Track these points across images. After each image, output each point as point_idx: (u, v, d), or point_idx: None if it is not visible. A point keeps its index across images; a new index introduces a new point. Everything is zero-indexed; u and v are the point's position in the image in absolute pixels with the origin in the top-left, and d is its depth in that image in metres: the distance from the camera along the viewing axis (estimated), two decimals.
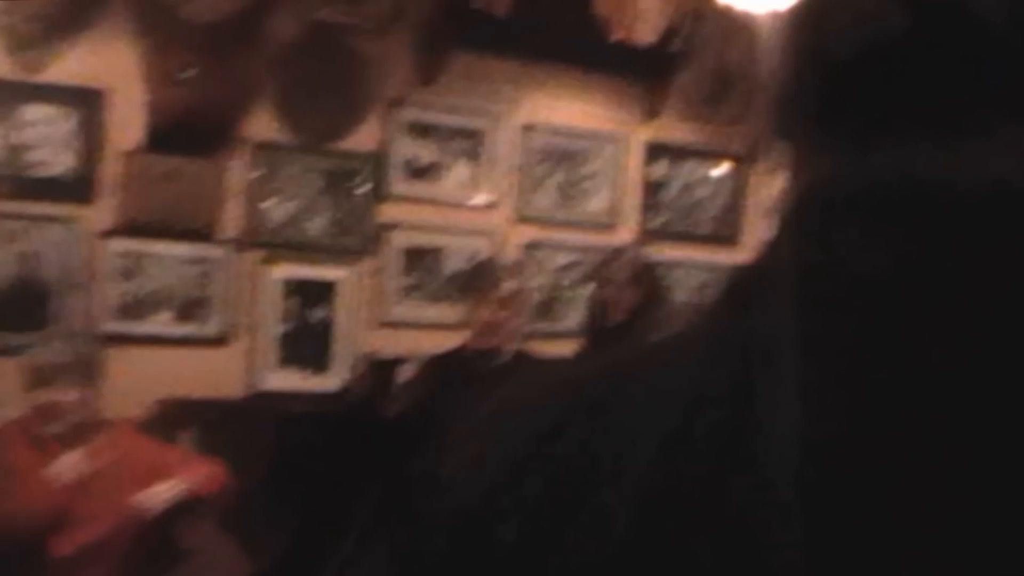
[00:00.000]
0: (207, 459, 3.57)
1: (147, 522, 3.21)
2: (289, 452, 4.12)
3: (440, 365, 3.77)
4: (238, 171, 4.44)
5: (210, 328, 4.41)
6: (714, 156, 5.64)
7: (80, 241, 4.16)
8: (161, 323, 4.32)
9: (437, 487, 0.55)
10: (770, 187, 5.72)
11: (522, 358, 3.70)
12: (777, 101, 0.56)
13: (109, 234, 4.22)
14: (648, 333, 3.58)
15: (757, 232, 5.72)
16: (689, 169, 5.56)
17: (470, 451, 0.55)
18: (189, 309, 4.37)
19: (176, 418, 4.14)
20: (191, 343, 4.37)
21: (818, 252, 0.46)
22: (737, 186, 5.70)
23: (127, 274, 4.25)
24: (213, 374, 4.39)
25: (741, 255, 5.43)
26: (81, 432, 3.25)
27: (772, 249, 0.51)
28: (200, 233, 4.35)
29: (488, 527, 0.50)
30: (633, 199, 5.40)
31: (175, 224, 4.29)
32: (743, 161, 5.69)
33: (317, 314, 4.61)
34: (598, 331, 3.85)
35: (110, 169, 4.21)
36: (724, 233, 5.66)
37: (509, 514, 0.49)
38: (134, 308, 4.27)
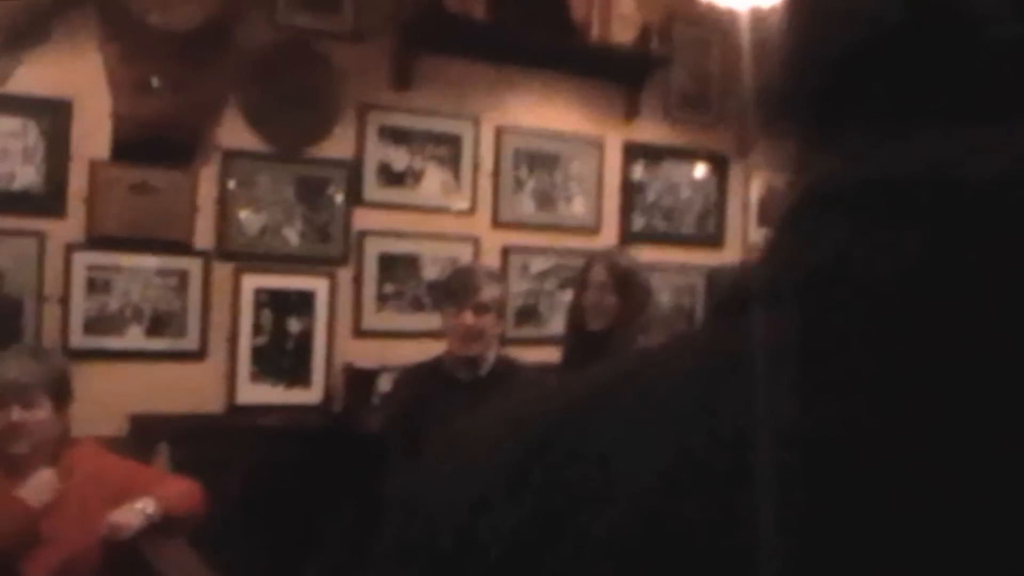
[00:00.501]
0: (181, 478, 3.48)
1: (119, 543, 3.11)
2: (264, 469, 4.05)
3: (420, 375, 3.70)
4: (209, 181, 4.37)
5: (184, 342, 4.33)
6: (694, 157, 5.61)
7: (48, 255, 4.08)
8: (133, 338, 4.24)
9: (410, 515, 0.51)
10: (752, 187, 5.71)
11: (504, 365, 3.63)
12: (769, 98, 0.53)
13: (77, 248, 4.14)
14: (631, 337, 3.53)
15: (740, 233, 5.71)
16: (669, 171, 5.53)
17: (445, 476, 0.51)
18: (162, 323, 4.29)
19: (150, 434, 4.07)
20: (164, 357, 4.29)
21: (820, 252, 0.44)
22: (719, 187, 5.67)
23: (97, 288, 4.17)
24: (188, 389, 4.31)
25: (725, 256, 5.42)
26: (51, 452, 3.16)
27: (771, 252, 0.48)
28: (172, 245, 4.28)
29: (462, 560, 0.46)
30: (613, 202, 5.36)
31: (145, 236, 4.22)
32: (724, 162, 5.67)
33: (293, 325, 4.54)
34: (579, 336, 3.78)
35: (77, 181, 4.14)
36: (707, 234, 5.64)
37: (486, 546, 0.45)
38: (105, 323, 4.19)
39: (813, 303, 0.42)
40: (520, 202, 5.08)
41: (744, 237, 5.76)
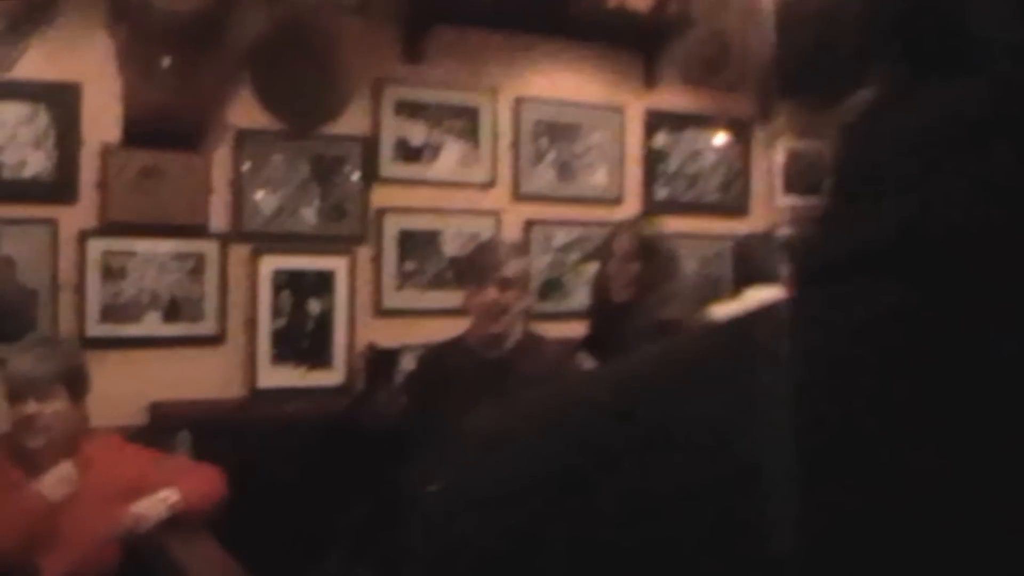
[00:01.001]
0: (202, 466, 3.44)
1: (140, 536, 3.06)
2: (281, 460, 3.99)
3: (444, 353, 3.63)
4: (222, 162, 4.31)
5: (202, 327, 4.27)
6: (716, 123, 5.46)
7: (60, 243, 4.03)
8: (150, 324, 4.18)
9: (429, 521, 0.47)
10: (776, 152, 5.60)
11: (530, 341, 3.55)
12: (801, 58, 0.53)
13: (90, 234, 4.08)
14: (656, 307, 3.45)
15: (765, 200, 5.61)
16: (691, 138, 5.43)
17: (472, 481, 0.46)
18: (179, 308, 4.23)
19: (170, 423, 4.01)
20: (182, 343, 4.23)
21: (940, 215, 0.40)
22: (742, 153, 5.58)
23: (112, 275, 4.11)
24: (207, 374, 4.26)
25: (750, 224, 5.32)
26: (68, 445, 3.11)
27: (859, 214, 0.44)
28: (186, 229, 4.22)
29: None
30: (635, 172, 5.26)
31: (159, 221, 4.16)
32: (746, 127, 5.55)
33: (313, 306, 4.47)
34: (605, 307, 3.70)
35: (89, 167, 4.08)
36: (731, 202, 5.54)
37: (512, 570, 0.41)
38: (121, 310, 4.13)
39: (942, 272, 0.39)
40: (541, 174, 4.99)
41: (769, 204, 5.65)
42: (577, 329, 4.39)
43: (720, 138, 5.49)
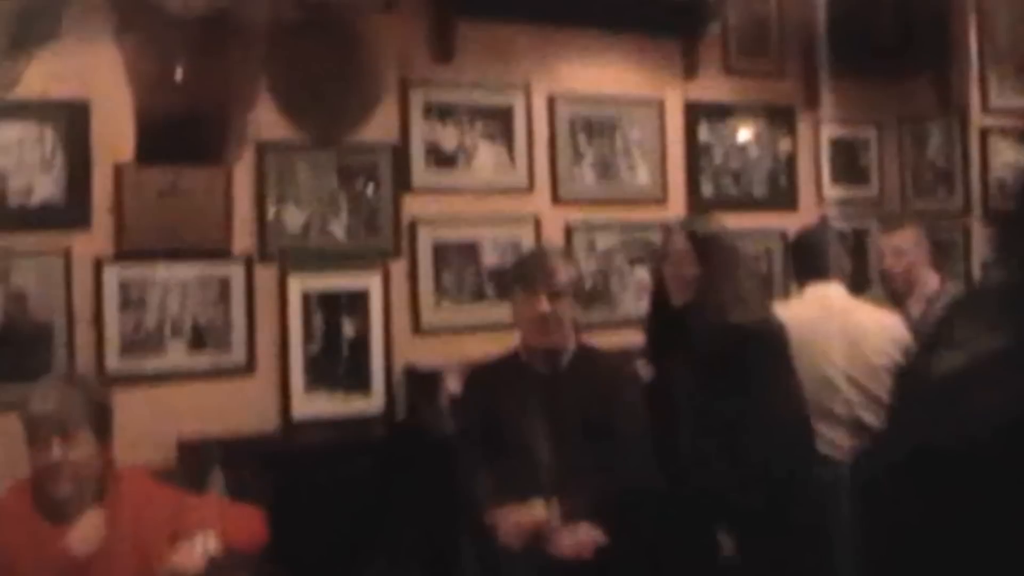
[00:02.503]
0: (241, 508, 3.15)
1: None
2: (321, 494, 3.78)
3: (494, 372, 3.39)
4: (244, 178, 4.06)
5: (230, 356, 4.02)
6: (759, 112, 5.26)
7: (74, 272, 3.76)
8: (175, 356, 3.92)
9: None
10: (823, 139, 5.35)
11: (586, 354, 3.32)
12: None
13: (106, 262, 3.82)
14: (721, 311, 3.16)
15: (813, 190, 5.34)
16: (734, 129, 5.20)
17: None
18: (204, 337, 3.97)
19: (201, 460, 3.66)
20: (210, 375, 3.98)
21: None
22: (788, 142, 5.34)
23: (131, 304, 3.85)
24: (238, 407, 4.01)
25: (801, 218, 5.05)
26: (97, 490, 2.82)
27: None
28: (208, 250, 3.98)
29: None
30: (678, 167, 5.03)
31: (179, 243, 3.91)
32: (791, 113, 5.36)
33: (347, 328, 4.22)
34: (663, 313, 3.40)
35: (101, 189, 3.82)
36: (779, 195, 5.32)
37: None
38: (142, 342, 3.87)
39: None
40: (580, 175, 4.75)
41: (818, 194, 5.37)
42: (627, 339, 4.17)
43: (765, 127, 5.21)
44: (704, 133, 5.06)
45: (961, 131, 5.36)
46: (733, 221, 4.69)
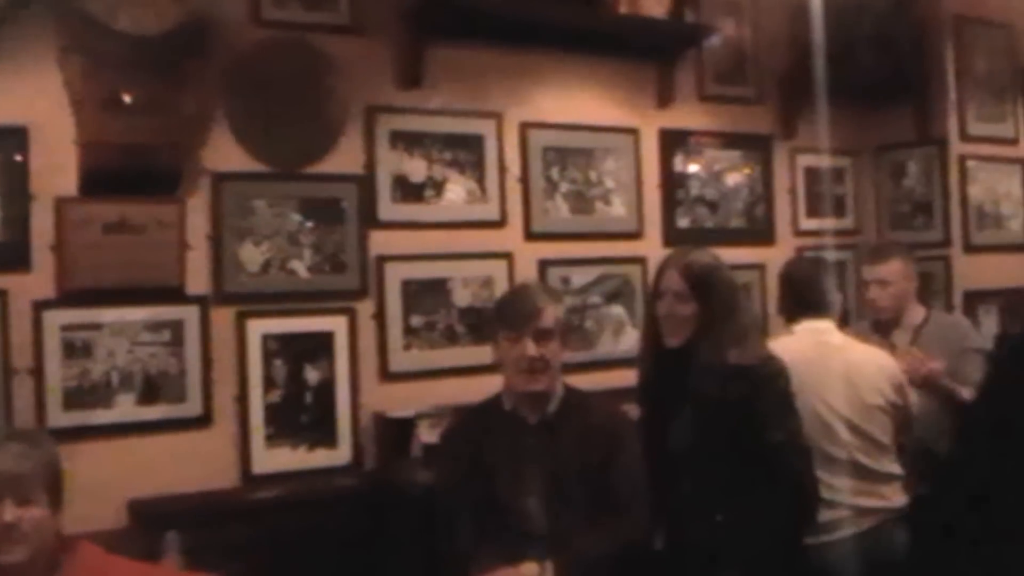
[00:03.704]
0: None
1: None
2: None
3: (476, 420, 3.19)
4: (199, 212, 3.76)
5: (184, 407, 3.69)
6: (735, 141, 5.09)
7: (11, 317, 3.43)
8: (124, 408, 3.60)
9: None
10: (798, 171, 5.21)
11: (575, 399, 3.13)
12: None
13: (47, 305, 3.50)
14: (719, 351, 2.95)
15: (789, 223, 5.18)
16: (710, 158, 5.01)
17: None
18: (156, 387, 3.65)
19: (154, 522, 3.43)
20: (163, 428, 3.65)
21: None
22: (763, 173, 5.20)
23: (75, 352, 3.53)
24: (194, 463, 3.70)
25: (778, 252, 4.93)
26: (50, 562, 2.50)
27: None
28: (160, 292, 3.65)
29: None
30: (654, 199, 4.84)
31: (128, 284, 3.59)
32: (767, 142, 5.21)
33: (311, 374, 3.93)
34: (657, 355, 3.18)
35: (42, 225, 3.50)
36: (756, 228, 5.16)
37: None
38: (88, 393, 3.54)
39: None
40: (554, 208, 4.52)
41: (794, 225, 5.21)
42: (605, 380, 4.04)
43: (743, 154, 5.05)
44: (679, 163, 4.88)
45: (940, 159, 5.22)
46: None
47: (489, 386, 3.18)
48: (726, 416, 2.91)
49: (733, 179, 5.05)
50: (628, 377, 3.48)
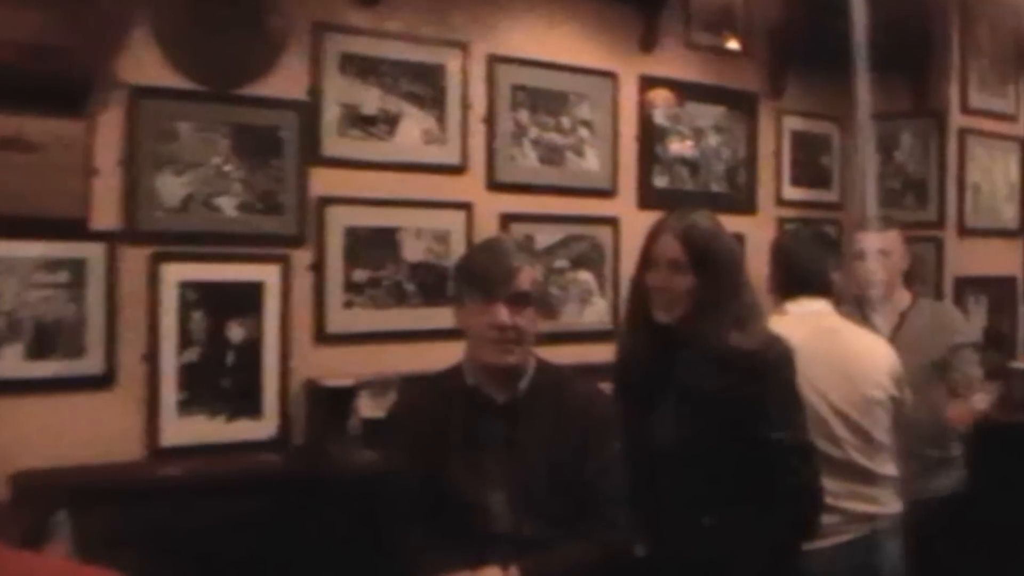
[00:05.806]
0: (93, 570, 2.40)
1: None
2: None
3: (431, 394, 2.78)
4: (110, 132, 3.35)
5: (83, 364, 3.32)
6: (720, 96, 4.75)
7: None
8: (10, 362, 3.21)
9: None
10: (784, 133, 4.91)
11: (549, 375, 2.75)
12: None
13: None
14: (719, 332, 2.66)
15: (773, 191, 4.98)
16: (693, 113, 4.65)
17: None
18: (50, 338, 3.26)
19: (41, 499, 3.09)
20: (56, 388, 3.28)
21: None
22: (748, 134, 4.86)
23: None
24: (92, 430, 3.33)
25: (759, 221, 4.77)
26: None
27: None
28: (60, 225, 3.26)
29: None
30: (630, 153, 4.48)
31: (22, 213, 3.18)
32: (753, 100, 4.87)
33: (235, 332, 3.56)
34: (643, 330, 2.81)
35: None
36: (738, 196, 4.83)
37: None
38: None
39: None
40: (521, 155, 4.15)
41: (777, 196, 4.87)
42: (571, 354, 3.54)
43: (728, 110, 4.68)
44: (660, 115, 4.53)
45: (938, 132, 4.87)
46: None
47: (443, 355, 2.82)
48: (720, 407, 2.56)
49: (716, 136, 4.72)
50: (595, 352, 3.30)
